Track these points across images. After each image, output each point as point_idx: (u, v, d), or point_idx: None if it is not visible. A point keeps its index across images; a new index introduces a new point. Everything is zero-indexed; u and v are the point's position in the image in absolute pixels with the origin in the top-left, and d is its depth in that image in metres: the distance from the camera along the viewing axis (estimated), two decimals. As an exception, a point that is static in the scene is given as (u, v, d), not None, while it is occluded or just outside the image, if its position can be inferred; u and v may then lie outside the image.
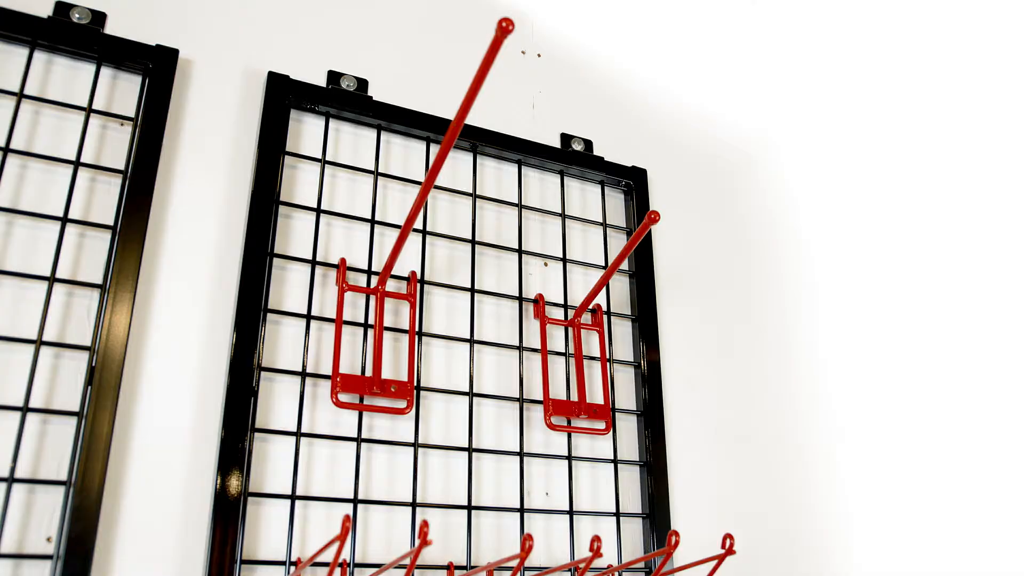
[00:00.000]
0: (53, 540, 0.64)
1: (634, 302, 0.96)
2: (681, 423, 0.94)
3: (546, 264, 0.94)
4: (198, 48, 0.83)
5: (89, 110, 0.75)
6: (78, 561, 0.62)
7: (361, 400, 0.78)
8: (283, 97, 0.83)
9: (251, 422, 0.72)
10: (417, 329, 0.82)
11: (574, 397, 0.88)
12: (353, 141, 0.88)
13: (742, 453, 0.97)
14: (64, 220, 0.71)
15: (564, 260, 0.94)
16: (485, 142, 0.93)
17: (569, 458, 0.86)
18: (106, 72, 0.78)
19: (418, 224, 0.87)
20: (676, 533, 0.66)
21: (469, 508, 0.79)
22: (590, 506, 0.86)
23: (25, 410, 0.65)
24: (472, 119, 0.95)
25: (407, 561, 0.74)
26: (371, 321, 0.80)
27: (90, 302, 0.70)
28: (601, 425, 0.88)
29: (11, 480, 0.63)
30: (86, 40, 0.76)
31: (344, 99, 0.86)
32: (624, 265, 0.98)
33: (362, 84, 0.89)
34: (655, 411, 0.91)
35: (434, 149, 0.92)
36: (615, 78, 1.09)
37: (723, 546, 0.68)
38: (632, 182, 1.00)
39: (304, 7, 0.91)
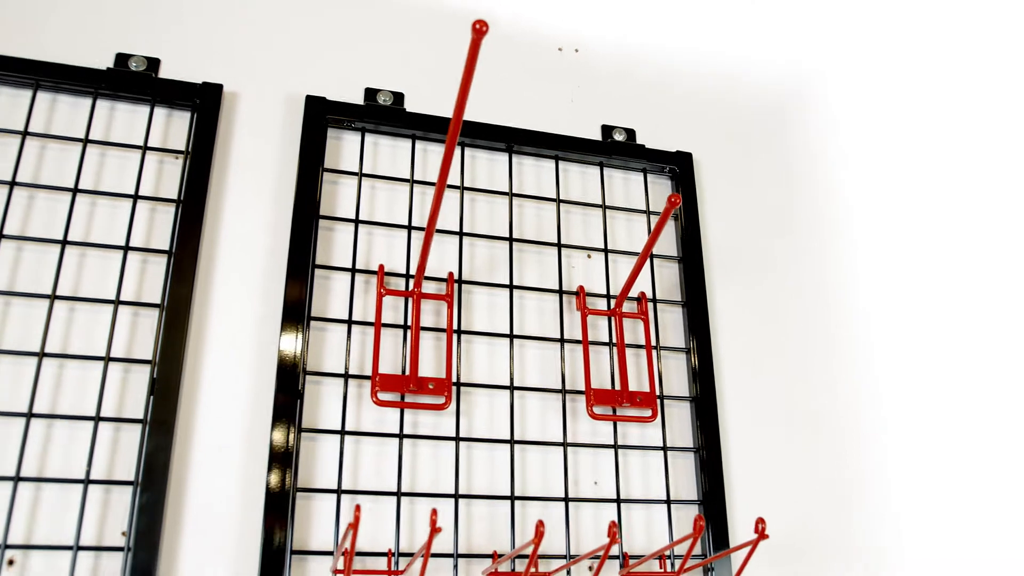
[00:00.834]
0: (127, 534, 0.71)
1: (683, 287, 0.95)
2: (735, 408, 0.92)
3: (589, 256, 0.94)
4: (242, 80, 0.90)
5: (145, 148, 0.83)
6: (146, 553, 0.69)
7: (402, 398, 0.81)
8: (320, 118, 0.88)
9: (298, 423, 0.77)
10: (456, 328, 0.85)
11: (604, 384, 0.88)
12: (391, 152, 0.92)
13: (800, 436, 0.93)
14: (126, 249, 0.79)
15: (606, 251, 0.94)
16: (520, 141, 0.95)
17: (616, 447, 0.86)
18: (160, 112, 0.86)
19: (455, 226, 0.90)
20: (701, 518, 0.66)
21: (512, 498, 0.81)
22: (642, 494, 0.86)
23: (97, 419, 0.73)
24: (508, 120, 0.97)
25: (449, 549, 0.77)
26: (410, 323, 0.84)
27: (152, 320, 0.78)
28: (647, 413, 0.87)
29: (87, 481, 0.71)
30: (141, 85, 0.85)
31: (378, 114, 0.91)
32: (672, 251, 0.97)
33: (398, 98, 0.93)
34: (707, 396, 0.89)
35: (469, 152, 0.95)
36: (654, 64, 1.08)
37: (756, 530, 0.67)
38: (677, 167, 0.99)
39: (340, 31, 0.96)
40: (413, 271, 0.87)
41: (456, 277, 0.87)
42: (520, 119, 0.98)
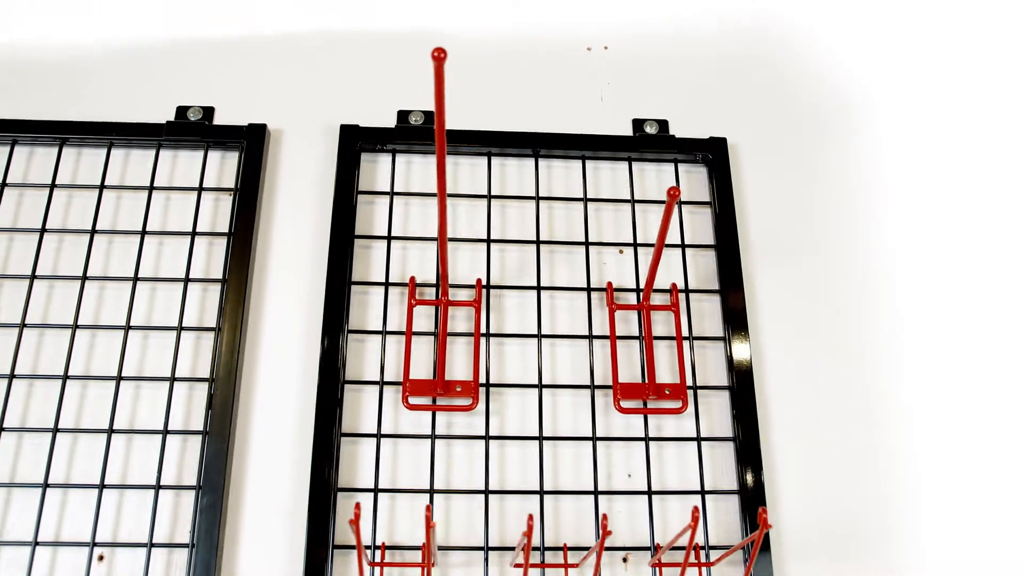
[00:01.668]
0: (192, 532, 0.80)
1: (719, 275, 0.94)
2: (778, 396, 0.90)
3: (621, 252, 0.95)
4: (285, 117, 0.98)
5: (200, 189, 0.93)
6: (208, 549, 0.78)
7: (434, 401, 0.86)
8: (353, 144, 0.95)
9: (338, 428, 0.84)
10: (483, 331, 0.89)
11: (639, 378, 0.89)
12: (423, 168, 0.98)
13: (845, 425, 0.89)
14: (186, 280, 0.89)
15: (635, 245, 0.95)
16: (545, 145, 0.97)
17: (647, 439, 0.86)
18: (215, 154, 0.96)
19: (482, 234, 0.94)
20: (697, 508, 0.66)
21: (541, 493, 0.84)
22: (678, 486, 0.86)
23: (165, 432, 0.83)
24: (538, 125, 0.99)
25: (481, 543, 0.81)
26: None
27: (211, 342, 0.88)
28: (677, 404, 0.87)
29: (158, 487, 0.81)
30: (197, 132, 0.95)
31: (407, 134, 0.97)
32: (710, 239, 0.96)
33: (429, 116, 0.98)
34: (744, 385, 0.88)
35: (499, 160, 0.98)
36: (687, 51, 1.07)
37: (759, 520, 0.66)
38: (710, 154, 0.98)
39: (373, 61, 1.03)
40: (434, 280, 0.92)
41: (484, 283, 0.91)
42: (550, 123, 1.00)
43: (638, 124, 1.00)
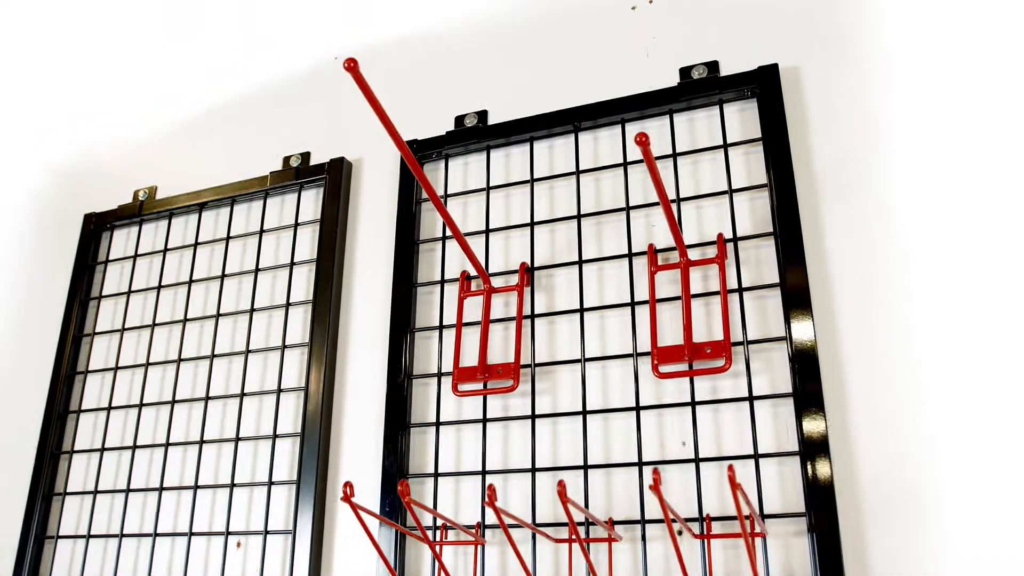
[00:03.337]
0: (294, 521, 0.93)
1: (775, 217, 0.84)
2: (840, 347, 0.78)
3: (669, 210, 0.90)
4: (360, 148, 1.09)
5: (296, 225, 1.07)
6: (303, 534, 0.90)
7: (485, 386, 0.90)
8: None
9: (408, 419, 0.91)
10: (526, 313, 0.90)
11: (699, 338, 0.83)
12: (479, 167, 1.02)
13: (925, 374, 0.74)
14: (287, 305, 1.03)
15: (678, 200, 0.89)
16: (584, 118, 0.96)
17: (693, 404, 0.81)
18: (311, 192, 1.10)
19: (525, 219, 0.95)
20: (657, 470, 0.62)
21: (585, 468, 0.82)
22: (737, 450, 0.79)
23: (274, 437, 0.97)
24: (573, 100, 0.98)
25: (532, 520, 0.82)
26: (494, 316, 0.92)
27: (311, 357, 1.00)
28: (719, 362, 0.80)
29: (270, 483, 0.95)
30: (291, 177, 1.10)
31: (460, 137, 1.01)
32: (762, 179, 0.87)
33: (482, 116, 1.03)
34: (802, 336, 0.78)
35: (545, 143, 0.98)
36: (732, -20, 0.97)
37: (728, 479, 0.60)
38: (758, 86, 0.89)
39: (429, 75, 1.09)
40: (493, 269, 0.95)
41: (528, 266, 0.93)
42: (594, 92, 0.98)
43: (685, 72, 0.94)
